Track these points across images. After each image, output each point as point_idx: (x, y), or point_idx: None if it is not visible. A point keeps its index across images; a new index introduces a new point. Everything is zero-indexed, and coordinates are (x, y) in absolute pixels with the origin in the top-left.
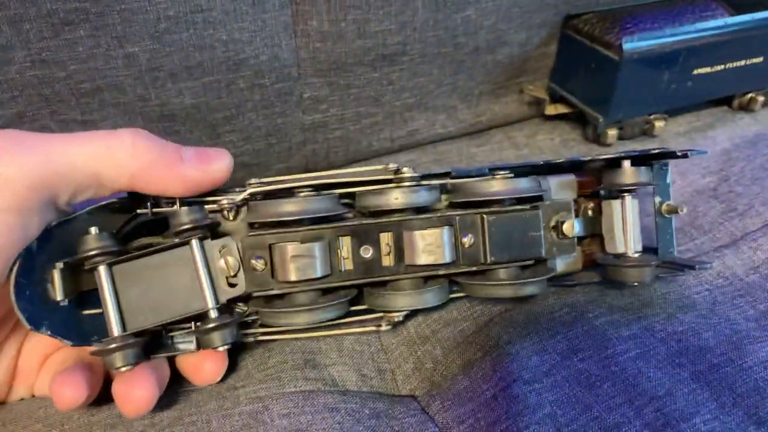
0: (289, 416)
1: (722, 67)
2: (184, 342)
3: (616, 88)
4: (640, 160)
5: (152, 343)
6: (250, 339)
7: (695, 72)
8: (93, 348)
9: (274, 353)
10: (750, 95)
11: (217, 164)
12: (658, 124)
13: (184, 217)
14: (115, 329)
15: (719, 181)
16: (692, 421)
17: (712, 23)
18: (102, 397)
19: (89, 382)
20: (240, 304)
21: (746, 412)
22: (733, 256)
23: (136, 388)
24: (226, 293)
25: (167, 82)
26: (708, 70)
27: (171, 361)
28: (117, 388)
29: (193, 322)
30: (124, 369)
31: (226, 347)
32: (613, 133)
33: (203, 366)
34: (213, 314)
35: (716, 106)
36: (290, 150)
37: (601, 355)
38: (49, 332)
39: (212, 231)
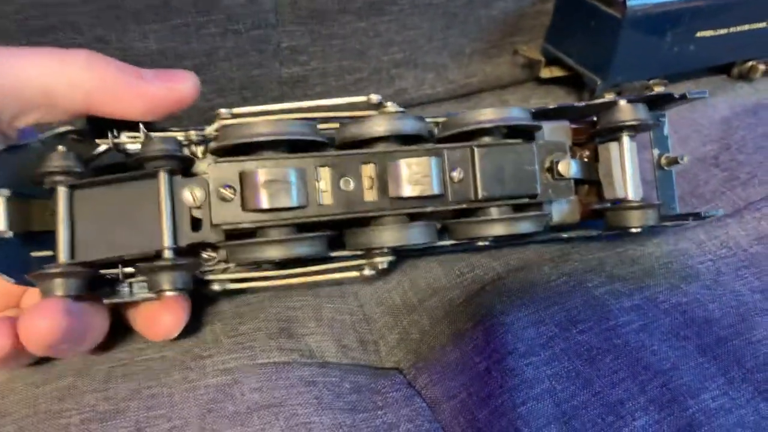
0: (261, 390)
1: (726, 30)
2: (143, 292)
3: (616, 49)
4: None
5: (106, 285)
6: (217, 287)
7: (698, 35)
8: (33, 274)
9: (246, 319)
10: (751, 63)
11: (181, 82)
12: (658, 89)
13: (156, 144)
14: (63, 256)
15: (720, 149)
16: (700, 397)
17: None
18: (48, 369)
19: (13, 333)
20: (209, 250)
21: (756, 388)
22: (736, 226)
23: (41, 318)
24: (188, 237)
25: (129, 23)
26: (711, 33)
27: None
28: (22, 320)
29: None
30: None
31: (173, 293)
32: (610, 97)
33: (160, 318)
34: (168, 254)
35: (715, 74)
36: None
37: (601, 326)
38: None
39: (184, 170)
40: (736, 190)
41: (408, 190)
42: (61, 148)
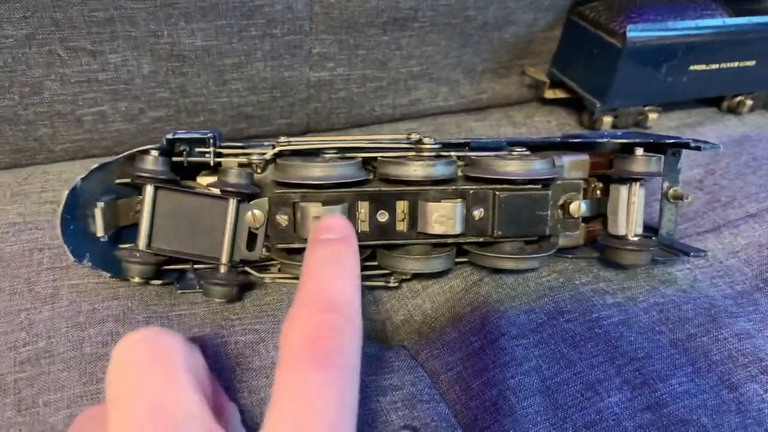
0: None
1: (717, 66)
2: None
3: (615, 76)
4: (653, 146)
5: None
6: (267, 280)
7: (691, 68)
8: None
9: (269, 291)
10: (739, 98)
11: None
12: (652, 116)
13: (232, 178)
14: (142, 244)
15: (705, 174)
16: (669, 382)
17: (711, 22)
18: (90, 314)
19: None
20: (264, 250)
21: (720, 378)
22: (714, 240)
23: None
24: (242, 254)
25: (180, 21)
26: (704, 67)
27: None
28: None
29: (201, 265)
30: (137, 281)
31: (222, 301)
32: (608, 120)
33: None
34: (222, 269)
35: (706, 107)
36: (293, 106)
37: (585, 318)
38: (90, 264)
39: (250, 196)
40: (716, 211)
41: (434, 229)
42: (153, 153)
